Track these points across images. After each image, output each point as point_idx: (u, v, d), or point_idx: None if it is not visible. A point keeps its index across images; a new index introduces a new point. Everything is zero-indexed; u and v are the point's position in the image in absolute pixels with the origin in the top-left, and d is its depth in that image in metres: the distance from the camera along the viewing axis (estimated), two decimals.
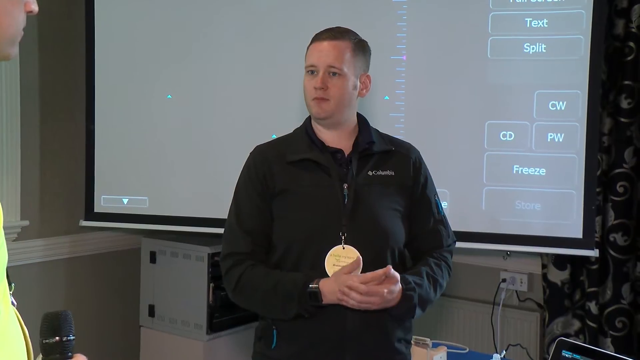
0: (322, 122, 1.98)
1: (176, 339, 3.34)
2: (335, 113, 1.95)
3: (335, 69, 1.92)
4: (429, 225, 2.04)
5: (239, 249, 1.96)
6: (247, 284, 1.94)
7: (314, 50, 1.95)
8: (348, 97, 1.96)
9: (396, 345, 1.97)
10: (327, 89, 1.92)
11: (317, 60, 1.93)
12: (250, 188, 1.99)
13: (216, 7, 3.15)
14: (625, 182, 2.99)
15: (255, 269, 1.93)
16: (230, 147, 3.04)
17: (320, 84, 1.92)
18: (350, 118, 2.01)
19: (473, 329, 3.44)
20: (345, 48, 1.94)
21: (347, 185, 1.94)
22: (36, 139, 3.23)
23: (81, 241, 3.40)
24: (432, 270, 1.98)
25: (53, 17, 3.20)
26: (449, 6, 2.96)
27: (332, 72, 1.93)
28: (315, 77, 1.93)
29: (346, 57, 1.94)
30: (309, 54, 1.97)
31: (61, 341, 1.19)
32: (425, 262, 2.00)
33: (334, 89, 1.93)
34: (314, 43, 1.97)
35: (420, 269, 1.97)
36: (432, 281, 1.95)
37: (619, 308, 3.02)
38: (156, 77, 3.21)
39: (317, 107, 1.94)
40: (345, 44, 1.94)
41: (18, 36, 1.12)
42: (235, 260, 1.96)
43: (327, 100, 1.93)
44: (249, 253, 1.95)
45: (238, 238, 1.97)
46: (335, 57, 1.93)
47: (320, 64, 1.93)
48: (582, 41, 2.82)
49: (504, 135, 2.92)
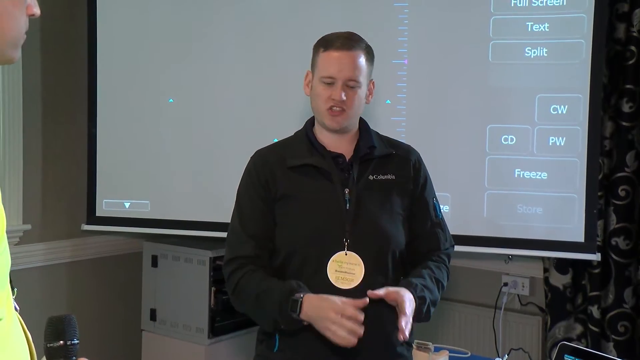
0: (332, 131, 1.98)
1: (178, 343, 3.33)
2: (348, 124, 1.97)
3: (354, 82, 1.92)
4: (426, 228, 2.04)
5: (242, 252, 1.96)
6: (242, 289, 1.93)
7: (331, 61, 1.92)
8: (360, 105, 1.97)
9: (398, 349, 1.98)
10: (344, 101, 1.92)
11: (337, 73, 1.91)
12: (252, 192, 1.99)
13: (217, 10, 3.15)
14: (627, 185, 2.99)
15: (254, 274, 1.92)
16: (232, 150, 3.05)
17: (339, 97, 1.90)
18: (355, 124, 2.02)
19: (475, 333, 3.44)
20: (361, 58, 1.93)
21: (348, 190, 1.94)
22: (38, 143, 3.23)
23: (83, 245, 3.40)
24: (432, 271, 1.98)
25: (55, 20, 3.21)
26: (450, 10, 2.96)
27: (350, 85, 1.92)
28: (332, 88, 1.91)
29: (362, 68, 1.93)
30: (326, 64, 1.93)
31: (65, 345, 1.19)
32: (424, 265, 2.00)
33: (350, 101, 1.93)
34: (328, 51, 1.93)
35: (421, 271, 1.97)
36: (434, 281, 1.96)
37: (621, 312, 3.01)
38: (158, 81, 3.21)
39: (332, 120, 1.94)
40: (360, 54, 1.93)
41: (21, 39, 1.11)
42: (238, 264, 1.95)
43: (343, 112, 1.93)
44: (252, 257, 1.95)
45: (242, 242, 1.96)
46: (354, 69, 1.91)
47: (339, 76, 1.91)
48: (584, 45, 2.82)
49: (506, 139, 2.92)
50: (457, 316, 3.50)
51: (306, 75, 2.02)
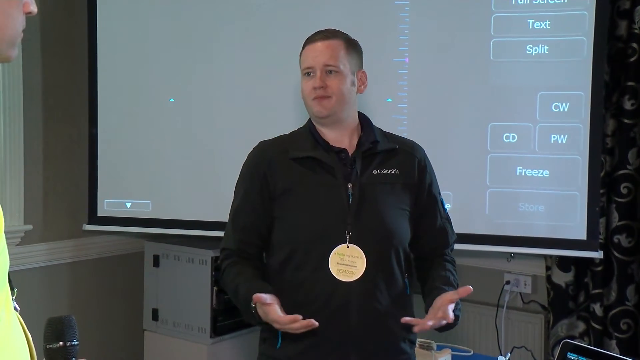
0: (324, 120, 1.98)
1: (180, 343, 3.33)
2: (336, 110, 1.96)
3: (332, 67, 1.95)
4: (437, 224, 2.06)
5: (228, 245, 2.04)
6: (225, 281, 2.02)
7: (308, 52, 1.98)
8: (347, 93, 1.97)
9: (401, 345, 1.99)
10: (327, 87, 1.94)
11: (313, 61, 1.95)
12: (248, 185, 2.02)
13: (218, 10, 3.15)
14: (629, 183, 2.98)
15: (234, 267, 1.99)
16: (233, 150, 3.03)
17: (319, 83, 1.93)
18: (351, 115, 2.02)
19: (477, 331, 3.43)
20: (339, 46, 1.96)
21: (351, 184, 1.94)
22: (39, 143, 3.23)
23: (84, 245, 3.40)
24: (453, 275, 2.03)
25: (56, 20, 3.21)
26: (451, 8, 2.96)
27: (329, 71, 1.94)
28: (313, 78, 1.95)
29: (341, 54, 1.96)
30: (304, 58, 1.99)
31: (65, 346, 1.19)
32: (444, 268, 2.03)
33: (333, 86, 1.95)
34: (307, 46, 2.00)
35: (448, 277, 2.00)
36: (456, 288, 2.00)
37: (624, 310, 3.01)
38: (158, 81, 3.21)
39: (318, 106, 1.95)
40: (338, 42, 1.97)
41: (18, 37, 1.11)
42: (224, 255, 2.04)
43: (328, 97, 1.95)
44: (234, 250, 2.01)
45: (230, 234, 2.04)
46: (330, 55, 1.95)
47: (316, 64, 1.95)
48: (585, 42, 2.82)
49: (507, 137, 2.91)
50: (460, 314, 3.48)
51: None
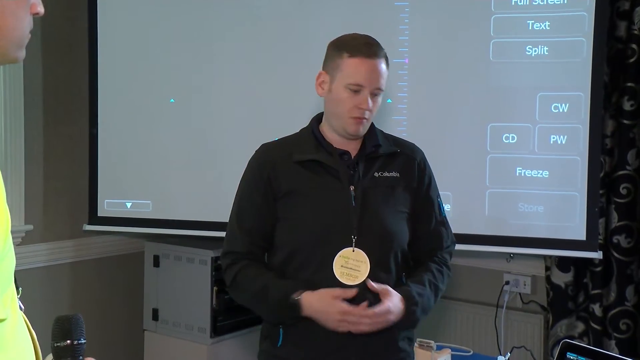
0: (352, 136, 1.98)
1: (180, 343, 3.34)
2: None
3: (379, 91, 1.94)
4: (431, 227, 2.06)
5: (236, 248, 2.01)
6: (240, 283, 1.98)
7: (361, 68, 1.89)
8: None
9: (400, 344, 2.00)
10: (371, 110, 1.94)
11: (365, 82, 1.90)
12: (252, 187, 2.01)
13: (219, 10, 3.15)
14: (629, 184, 2.99)
15: (248, 269, 1.97)
16: (233, 150, 3.04)
17: (367, 106, 1.91)
18: None
19: (477, 331, 3.44)
20: (384, 65, 1.94)
21: (353, 187, 1.95)
22: (40, 143, 3.23)
23: (85, 245, 3.41)
24: (434, 277, 2.01)
25: (56, 20, 3.21)
26: (450, 9, 2.96)
27: (375, 93, 1.93)
28: (359, 97, 1.90)
29: (385, 75, 1.95)
30: (354, 71, 1.90)
31: (72, 344, 1.20)
32: (427, 268, 2.02)
33: (374, 109, 1.95)
34: (356, 58, 1.90)
35: (422, 276, 1.99)
36: (433, 288, 1.99)
37: (623, 310, 3.01)
38: (159, 81, 3.21)
39: (356, 126, 1.93)
40: (383, 61, 1.94)
41: (25, 39, 1.10)
42: (232, 259, 2.00)
43: (367, 119, 1.94)
44: (245, 253, 1.99)
45: (236, 237, 2.01)
46: (380, 78, 1.92)
47: (368, 85, 1.90)
48: (585, 43, 2.82)
49: (507, 137, 2.92)
50: (459, 314, 3.50)
51: (319, 75, 1.97)
